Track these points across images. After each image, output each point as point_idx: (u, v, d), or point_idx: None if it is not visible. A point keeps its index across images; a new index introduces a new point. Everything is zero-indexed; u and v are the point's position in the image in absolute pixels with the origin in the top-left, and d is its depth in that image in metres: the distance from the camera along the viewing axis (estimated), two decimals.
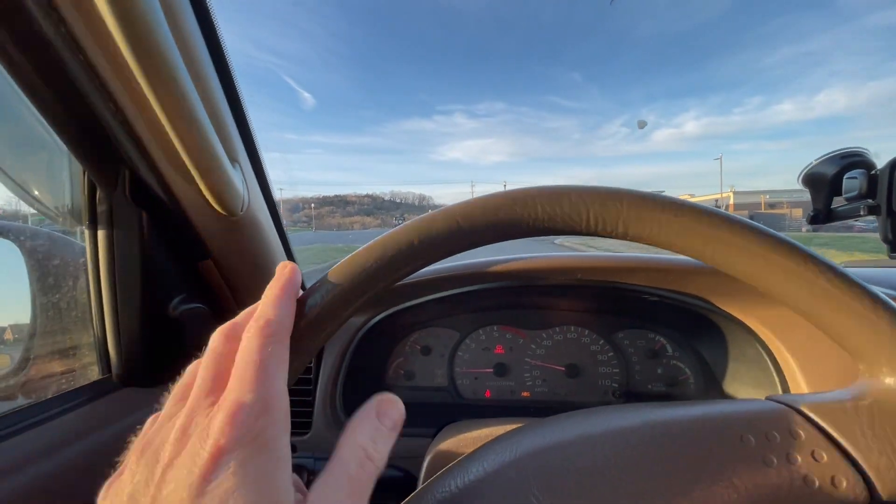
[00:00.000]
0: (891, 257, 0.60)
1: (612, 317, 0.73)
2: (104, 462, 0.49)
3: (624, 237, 0.25)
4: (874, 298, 0.23)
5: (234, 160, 0.51)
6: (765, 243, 0.24)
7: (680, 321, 0.69)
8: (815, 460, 0.22)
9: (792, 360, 0.54)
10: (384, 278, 0.25)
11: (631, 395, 0.71)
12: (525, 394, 0.73)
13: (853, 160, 0.65)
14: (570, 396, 0.72)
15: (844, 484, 0.21)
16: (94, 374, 0.55)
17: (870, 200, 0.58)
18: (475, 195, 0.26)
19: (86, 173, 0.49)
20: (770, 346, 0.57)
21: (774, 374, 0.57)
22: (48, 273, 0.52)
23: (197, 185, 0.47)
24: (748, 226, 0.24)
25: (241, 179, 0.51)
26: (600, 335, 0.73)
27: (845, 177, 0.60)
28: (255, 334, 0.21)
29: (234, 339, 0.22)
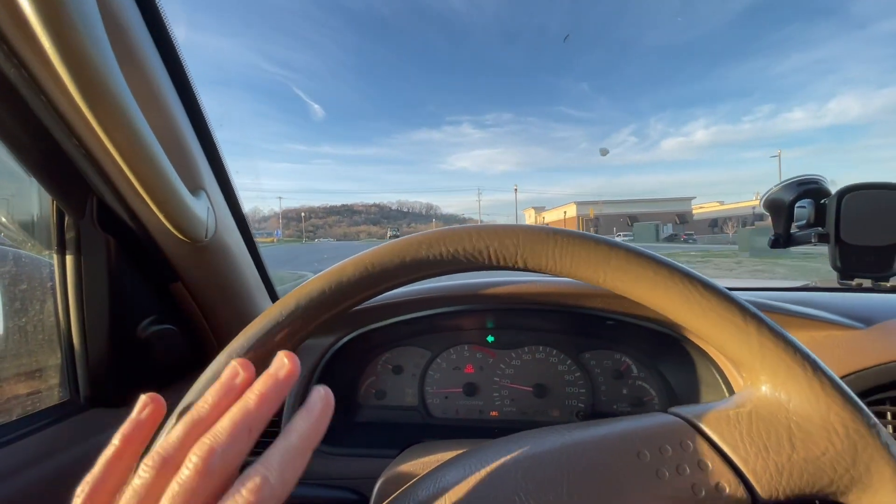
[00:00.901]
0: (840, 284, 0.62)
1: (580, 337, 0.74)
2: (69, 482, 0.50)
3: (524, 269, 0.27)
4: (744, 310, 0.25)
5: (197, 188, 0.52)
6: (646, 265, 0.26)
7: (644, 343, 0.70)
8: (701, 469, 0.24)
9: (739, 377, 0.56)
10: (300, 330, 0.27)
11: (597, 414, 0.72)
12: (494, 413, 0.74)
13: (808, 188, 0.67)
14: (537, 416, 0.73)
15: (727, 489, 0.23)
16: (61, 395, 0.56)
17: (819, 228, 0.60)
18: (482, 203, 0.29)
19: (54, 202, 0.50)
20: (723, 369, 0.59)
21: (725, 391, 0.58)
22: (14, 297, 0.53)
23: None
24: (633, 251, 0.26)
25: (205, 207, 0.52)
26: (567, 355, 0.74)
27: (796, 205, 0.62)
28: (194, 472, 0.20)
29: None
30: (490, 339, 0.76)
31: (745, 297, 0.64)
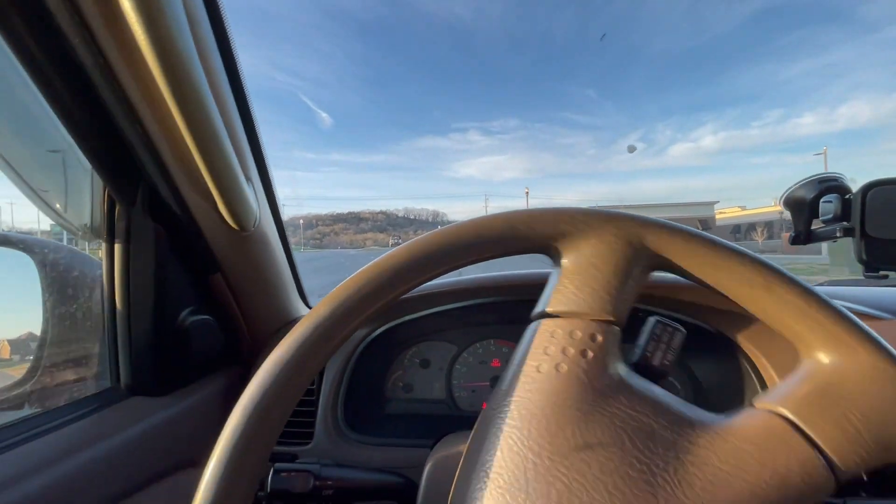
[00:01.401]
0: (866, 276, 0.63)
1: None
2: (112, 469, 0.50)
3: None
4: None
5: (248, 178, 0.54)
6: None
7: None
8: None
9: (773, 373, 0.57)
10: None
11: None
12: None
13: (830, 185, 0.69)
14: None
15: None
16: (104, 383, 0.57)
17: (845, 223, 0.62)
18: (489, 211, 0.30)
19: (106, 189, 0.51)
20: (754, 361, 0.60)
21: (759, 388, 0.60)
22: (65, 285, 0.54)
23: (213, 201, 0.49)
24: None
25: (254, 196, 0.54)
26: None
27: (822, 200, 0.64)
28: None
29: None
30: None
31: None
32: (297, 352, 0.30)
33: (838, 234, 0.63)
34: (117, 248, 0.53)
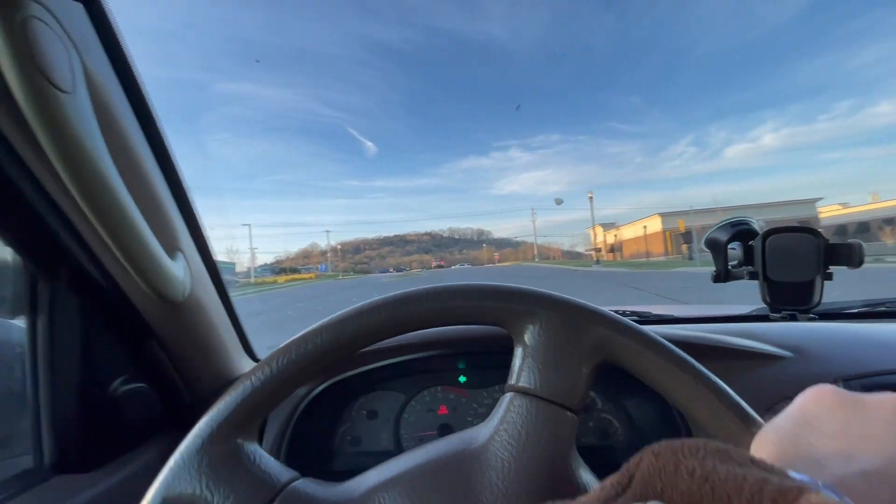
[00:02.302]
0: (770, 317, 0.69)
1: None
2: None
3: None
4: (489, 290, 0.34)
5: (175, 249, 0.54)
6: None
7: (609, 378, 0.75)
8: None
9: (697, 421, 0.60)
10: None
11: None
12: None
13: (740, 229, 0.75)
14: None
15: None
16: (25, 463, 0.55)
17: (749, 267, 0.68)
18: (537, 224, 0.44)
19: (27, 267, 0.51)
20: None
21: (683, 432, 0.63)
22: None
23: (136, 276, 0.50)
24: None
25: (182, 267, 0.54)
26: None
27: (728, 247, 0.70)
28: None
29: None
30: (462, 379, 0.79)
31: (692, 329, 0.70)
32: (226, 415, 0.31)
33: (746, 277, 0.69)
34: (40, 322, 0.53)
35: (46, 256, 0.49)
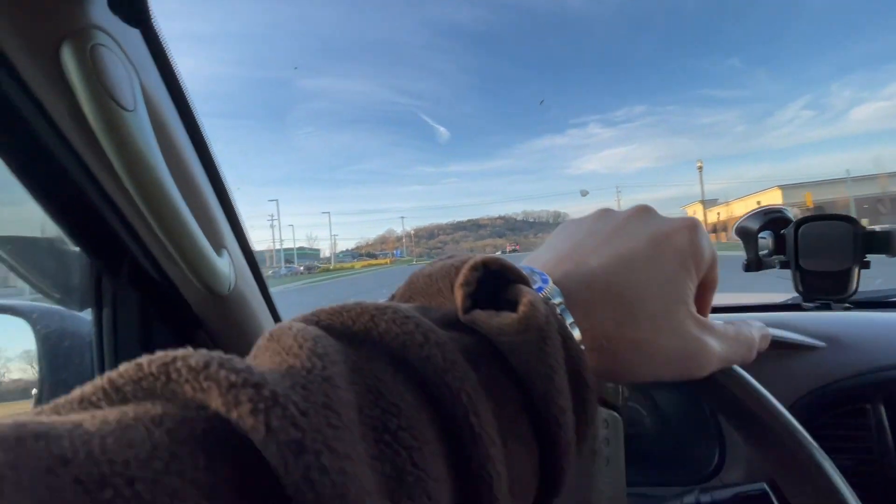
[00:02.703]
0: (804, 307, 0.68)
1: None
2: None
3: None
4: None
5: (220, 247, 0.59)
6: None
7: None
8: None
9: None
10: None
11: None
12: None
13: (772, 217, 0.74)
14: None
15: None
16: None
17: (781, 256, 0.67)
18: (621, 205, 0.33)
19: (93, 265, 0.56)
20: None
21: (711, 422, 0.63)
22: (59, 352, 0.59)
23: (186, 271, 0.54)
24: None
25: (227, 263, 0.59)
26: None
27: (759, 236, 0.69)
28: None
29: None
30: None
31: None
32: None
33: (777, 267, 0.68)
34: (105, 315, 0.58)
35: (109, 254, 0.54)
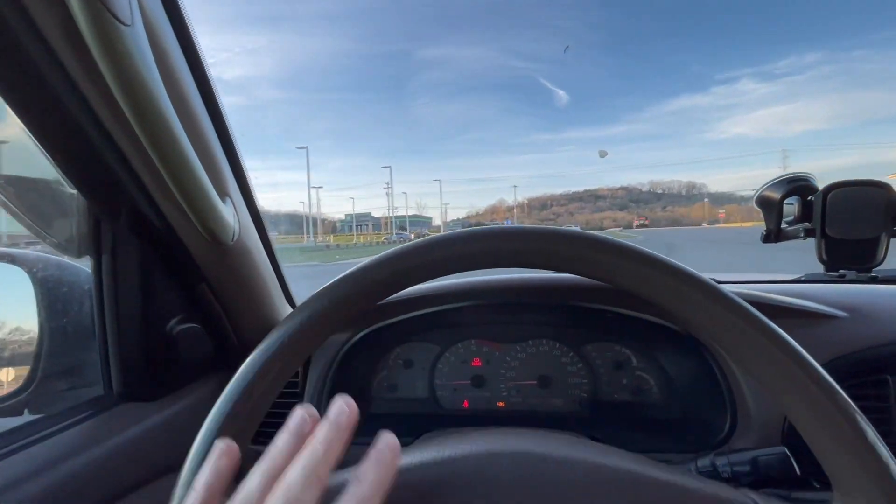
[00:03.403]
0: (827, 275, 0.65)
1: (582, 330, 0.78)
2: (106, 472, 0.53)
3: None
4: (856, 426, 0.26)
5: (224, 195, 0.56)
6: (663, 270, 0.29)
7: (643, 335, 0.74)
8: None
9: (739, 375, 0.59)
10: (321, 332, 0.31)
11: (598, 403, 0.75)
12: (500, 404, 0.78)
13: (798, 185, 0.71)
14: (541, 406, 0.77)
15: None
16: (96, 391, 0.60)
17: (806, 224, 0.64)
18: (785, 174, 0.30)
19: (91, 210, 0.54)
20: (718, 359, 0.63)
21: (723, 388, 0.62)
22: (56, 299, 0.57)
23: (190, 218, 0.52)
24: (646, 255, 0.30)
25: (231, 213, 0.56)
26: (570, 348, 0.78)
27: (784, 202, 0.66)
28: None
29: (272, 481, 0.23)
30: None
31: (739, 290, 0.67)
32: (266, 359, 0.33)
33: (801, 235, 0.65)
34: (104, 262, 0.56)
35: (107, 196, 0.51)
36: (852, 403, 0.27)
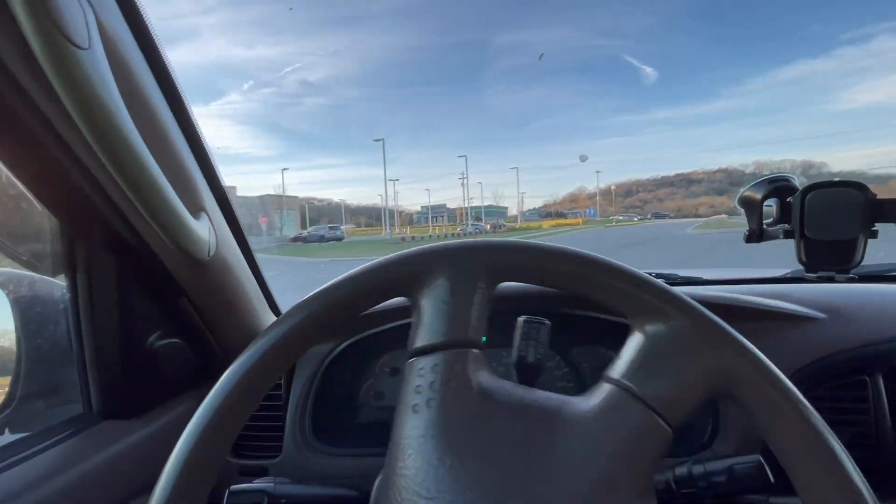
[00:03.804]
0: (806, 278, 0.66)
1: (567, 335, 0.78)
2: (88, 492, 0.53)
3: None
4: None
5: (198, 210, 0.55)
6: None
7: (622, 337, 0.74)
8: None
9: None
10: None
11: None
12: None
13: (778, 185, 0.71)
14: None
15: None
16: (75, 409, 0.59)
17: (786, 225, 0.64)
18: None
19: (64, 228, 0.53)
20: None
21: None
22: (34, 317, 0.56)
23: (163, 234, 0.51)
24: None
25: (206, 227, 0.56)
26: (556, 352, 0.78)
27: (764, 204, 0.66)
28: None
29: None
30: (482, 339, 0.80)
31: (721, 293, 0.68)
32: (243, 372, 0.33)
33: (781, 236, 0.65)
34: (79, 279, 0.56)
35: (78, 216, 0.51)
36: (816, 413, 0.27)
